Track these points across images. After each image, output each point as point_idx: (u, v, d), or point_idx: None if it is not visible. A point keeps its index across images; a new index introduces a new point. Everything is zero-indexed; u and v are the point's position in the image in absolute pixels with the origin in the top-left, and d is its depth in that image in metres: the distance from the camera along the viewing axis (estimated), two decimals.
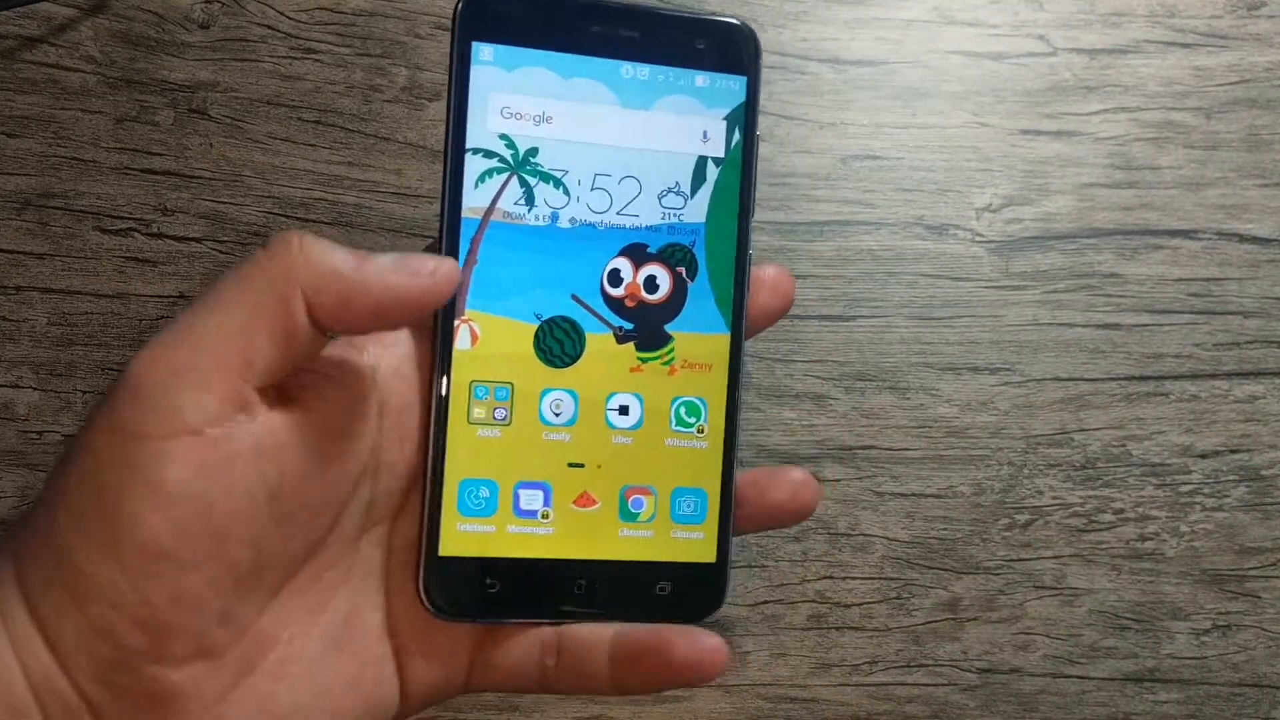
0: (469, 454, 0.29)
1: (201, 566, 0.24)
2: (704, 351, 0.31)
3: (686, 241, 0.31)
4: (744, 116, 0.31)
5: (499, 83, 0.29)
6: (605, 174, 0.30)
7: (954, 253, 0.46)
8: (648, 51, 0.30)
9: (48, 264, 0.45)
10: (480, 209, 0.29)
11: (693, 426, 0.31)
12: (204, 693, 0.25)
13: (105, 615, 0.24)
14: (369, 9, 0.47)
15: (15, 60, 0.46)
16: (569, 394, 0.30)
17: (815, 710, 0.44)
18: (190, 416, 0.24)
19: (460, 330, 0.29)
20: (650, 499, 0.30)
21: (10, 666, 0.24)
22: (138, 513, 0.23)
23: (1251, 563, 0.45)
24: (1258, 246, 0.47)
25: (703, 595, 0.30)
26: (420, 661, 0.29)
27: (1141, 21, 0.48)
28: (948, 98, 0.47)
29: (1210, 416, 0.46)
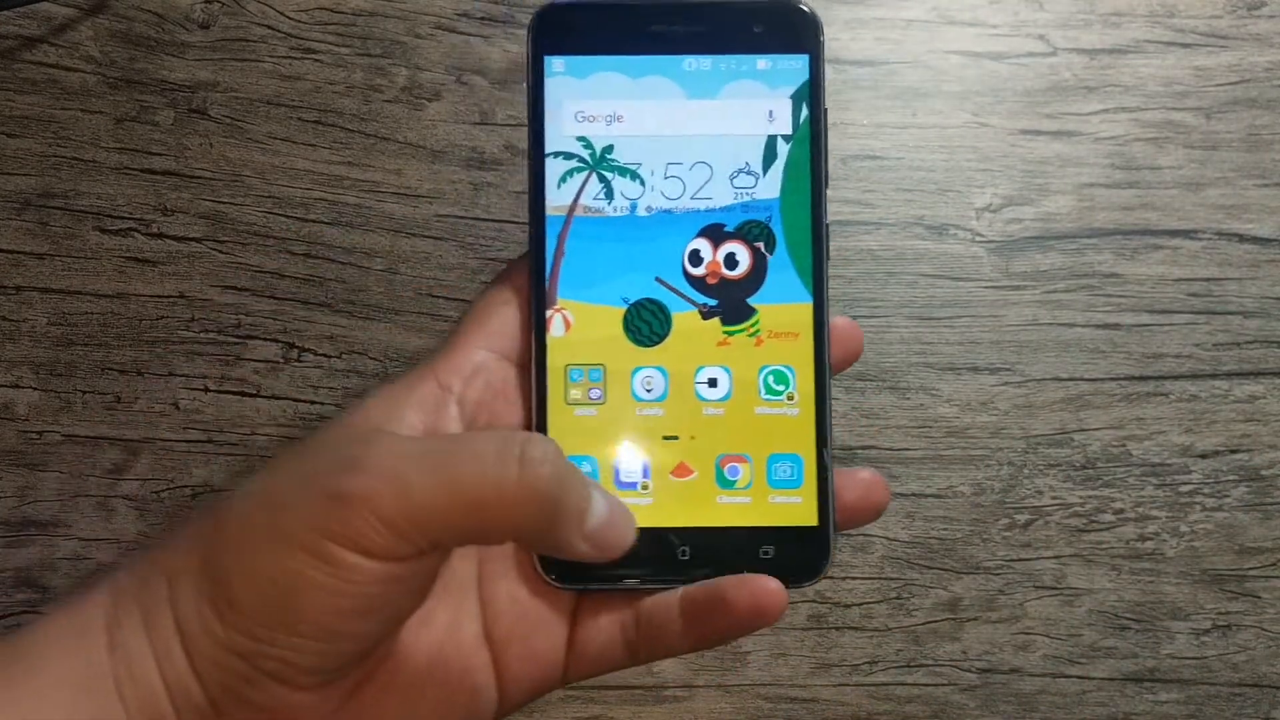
0: (569, 432, 0.31)
1: (359, 640, 0.27)
2: (788, 321, 0.32)
3: (762, 217, 0.32)
4: (809, 93, 0.32)
5: (572, 90, 0.32)
6: (677, 162, 0.32)
7: (954, 253, 0.46)
8: (708, 42, 0.32)
9: (48, 264, 0.45)
10: (564, 206, 0.32)
11: (782, 394, 0.32)
12: (322, 706, 0.27)
13: (250, 646, 0.26)
14: (369, 9, 0.47)
15: (15, 60, 0.46)
16: (659, 371, 0.32)
17: (815, 710, 0.44)
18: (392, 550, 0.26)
19: (553, 319, 0.31)
20: (746, 466, 0.31)
21: (152, 672, 0.27)
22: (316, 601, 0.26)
23: (1251, 563, 0.45)
24: (1258, 246, 0.47)
25: (806, 558, 0.31)
26: (518, 664, 0.30)
27: (1141, 21, 0.48)
28: (948, 98, 0.47)
29: (1210, 416, 0.46)
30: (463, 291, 0.45)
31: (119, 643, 0.27)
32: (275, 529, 0.26)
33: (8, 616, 0.43)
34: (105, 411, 0.44)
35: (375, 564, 0.26)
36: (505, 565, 0.31)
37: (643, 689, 0.44)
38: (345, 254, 0.45)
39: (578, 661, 0.31)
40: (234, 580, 0.26)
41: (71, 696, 0.26)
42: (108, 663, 0.27)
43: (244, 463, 0.44)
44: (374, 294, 0.45)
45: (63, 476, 0.44)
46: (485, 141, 0.46)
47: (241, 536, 0.27)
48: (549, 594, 0.31)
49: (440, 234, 0.46)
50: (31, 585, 0.43)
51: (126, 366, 0.44)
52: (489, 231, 0.46)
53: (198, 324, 0.45)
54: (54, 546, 0.43)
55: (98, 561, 0.43)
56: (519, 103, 0.47)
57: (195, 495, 0.44)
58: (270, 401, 0.44)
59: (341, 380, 0.45)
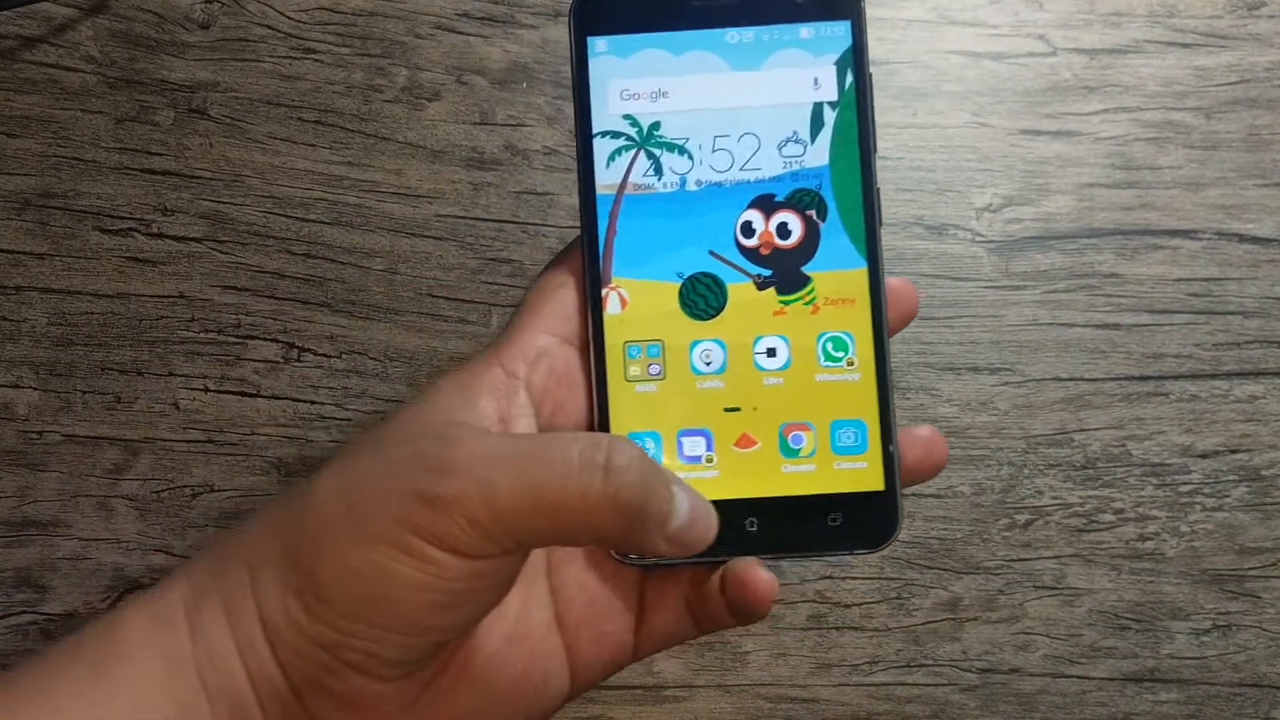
0: (630, 409, 0.31)
1: (441, 632, 0.27)
2: (844, 287, 0.32)
3: (813, 185, 0.32)
4: (853, 59, 0.32)
5: (616, 69, 0.32)
6: (725, 135, 0.32)
7: (954, 253, 0.46)
8: (749, 14, 0.32)
9: (48, 264, 0.45)
10: (613, 185, 0.32)
11: (841, 360, 0.32)
12: (401, 697, 0.28)
13: (334, 638, 0.27)
14: (369, 9, 0.47)
15: (15, 60, 0.46)
16: (717, 343, 0.32)
17: (815, 710, 0.44)
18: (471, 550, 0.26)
19: (609, 297, 0.32)
20: (809, 434, 0.31)
21: (233, 659, 0.27)
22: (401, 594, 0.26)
23: (1251, 563, 0.45)
24: (1258, 246, 0.47)
25: (876, 523, 0.31)
26: (590, 648, 0.31)
27: (1141, 21, 0.48)
28: (948, 98, 0.47)
29: (1210, 416, 0.46)
30: (463, 291, 0.45)
31: (199, 631, 0.28)
32: (361, 523, 0.27)
33: (8, 616, 0.43)
34: (105, 411, 0.44)
35: (462, 561, 0.26)
36: (573, 552, 0.32)
37: (643, 689, 0.44)
38: (345, 254, 0.45)
39: (647, 639, 0.31)
40: (320, 572, 0.27)
41: (158, 683, 0.27)
42: (190, 650, 0.27)
43: (244, 463, 0.44)
44: (374, 294, 0.45)
45: (63, 476, 0.44)
46: (485, 141, 0.46)
47: (325, 529, 0.27)
48: (617, 577, 0.31)
49: (440, 234, 0.46)
50: (31, 585, 0.43)
51: (126, 366, 0.44)
52: (489, 231, 0.46)
53: (198, 324, 0.45)
54: (54, 546, 0.43)
55: (98, 561, 0.43)
56: (519, 103, 0.47)
57: (195, 495, 0.44)
58: (270, 401, 0.44)
59: (341, 380, 0.45)
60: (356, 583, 0.26)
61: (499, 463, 0.26)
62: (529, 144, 0.46)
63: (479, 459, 0.26)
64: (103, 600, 0.43)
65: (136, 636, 0.28)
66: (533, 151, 0.46)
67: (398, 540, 0.26)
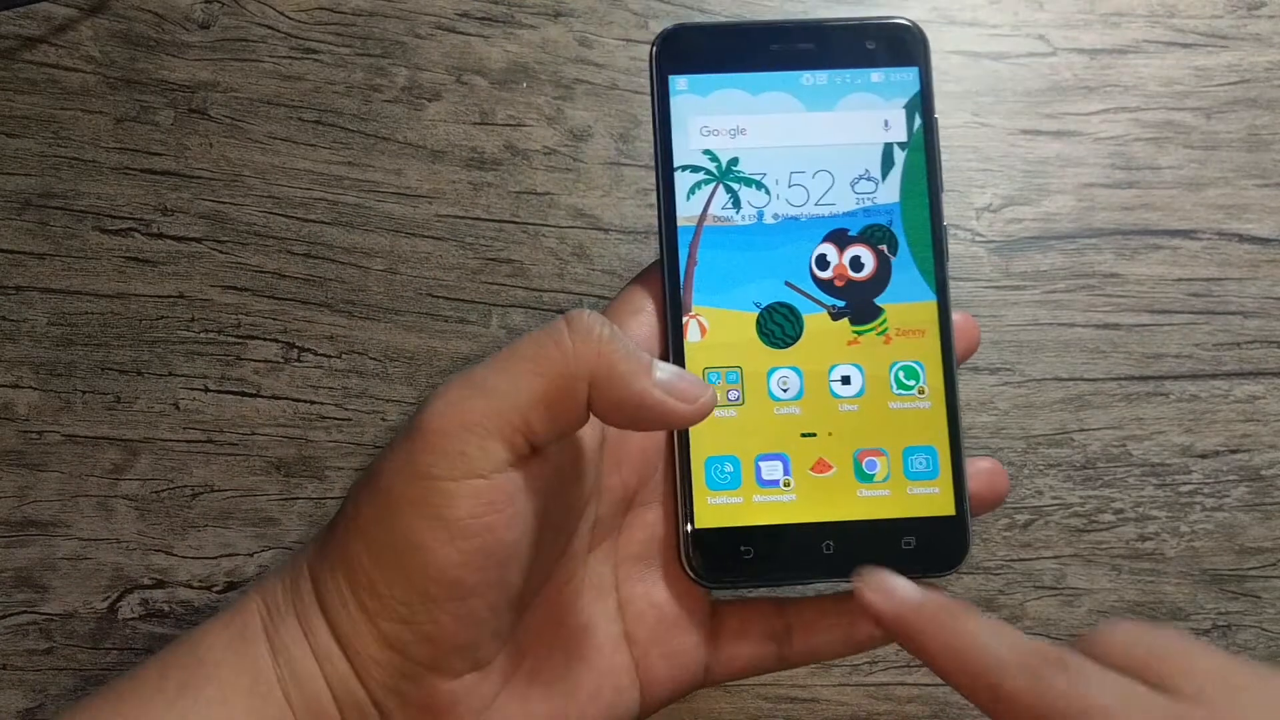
0: (710, 434, 0.32)
1: (485, 593, 0.27)
2: (915, 319, 0.33)
3: (884, 221, 0.33)
4: (921, 103, 0.34)
5: (696, 107, 0.33)
6: (800, 171, 0.33)
7: (954, 253, 0.46)
8: (824, 59, 0.33)
9: (48, 264, 0.45)
10: (694, 217, 0.33)
11: (913, 388, 0.33)
12: (475, 701, 0.28)
13: (397, 631, 0.27)
14: (369, 9, 0.47)
15: (15, 60, 0.46)
16: (794, 371, 0.33)
17: (815, 710, 0.44)
18: (478, 463, 0.27)
19: (689, 325, 0.33)
20: (883, 460, 0.32)
21: (315, 675, 0.28)
22: (430, 545, 0.26)
23: (1251, 563, 0.45)
24: (1258, 246, 0.47)
25: (947, 546, 0.32)
26: (660, 664, 0.31)
27: (1141, 21, 0.48)
28: (948, 98, 0.47)
29: (1210, 416, 0.46)
30: (463, 291, 0.45)
31: (279, 648, 0.28)
32: (383, 503, 0.27)
33: (8, 616, 0.43)
34: (105, 411, 0.44)
35: (470, 483, 0.26)
36: (643, 569, 0.32)
37: None
38: (345, 254, 0.45)
39: (723, 664, 0.32)
40: (364, 562, 0.27)
41: (246, 702, 0.27)
42: (272, 667, 0.28)
43: (244, 463, 0.44)
44: (374, 294, 0.45)
45: (63, 476, 0.44)
46: (485, 141, 0.46)
47: (359, 525, 0.28)
48: (688, 596, 0.32)
49: (440, 234, 0.46)
50: (31, 585, 0.43)
51: (126, 366, 0.44)
52: (489, 231, 0.46)
53: (198, 324, 0.45)
54: (54, 546, 0.43)
55: (98, 561, 0.43)
56: (519, 103, 0.47)
57: (195, 495, 0.44)
58: (270, 401, 0.44)
59: (341, 380, 0.45)
60: (392, 557, 0.27)
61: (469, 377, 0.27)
62: (529, 144, 0.46)
63: (449, 387, 0.27)
64: (103, 600, 0.43)
65: (220, 656, 0.28)
66: (533, 151, 0.46)
67: (408, 494, 0.27)
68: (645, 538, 0.32)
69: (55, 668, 0.43)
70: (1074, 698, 0.24)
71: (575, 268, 0.46)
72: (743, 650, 0.31)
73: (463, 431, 0.27)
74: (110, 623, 0.43)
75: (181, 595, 0.43)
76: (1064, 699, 0.24)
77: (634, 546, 0.32)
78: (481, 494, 0.27)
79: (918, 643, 0.28)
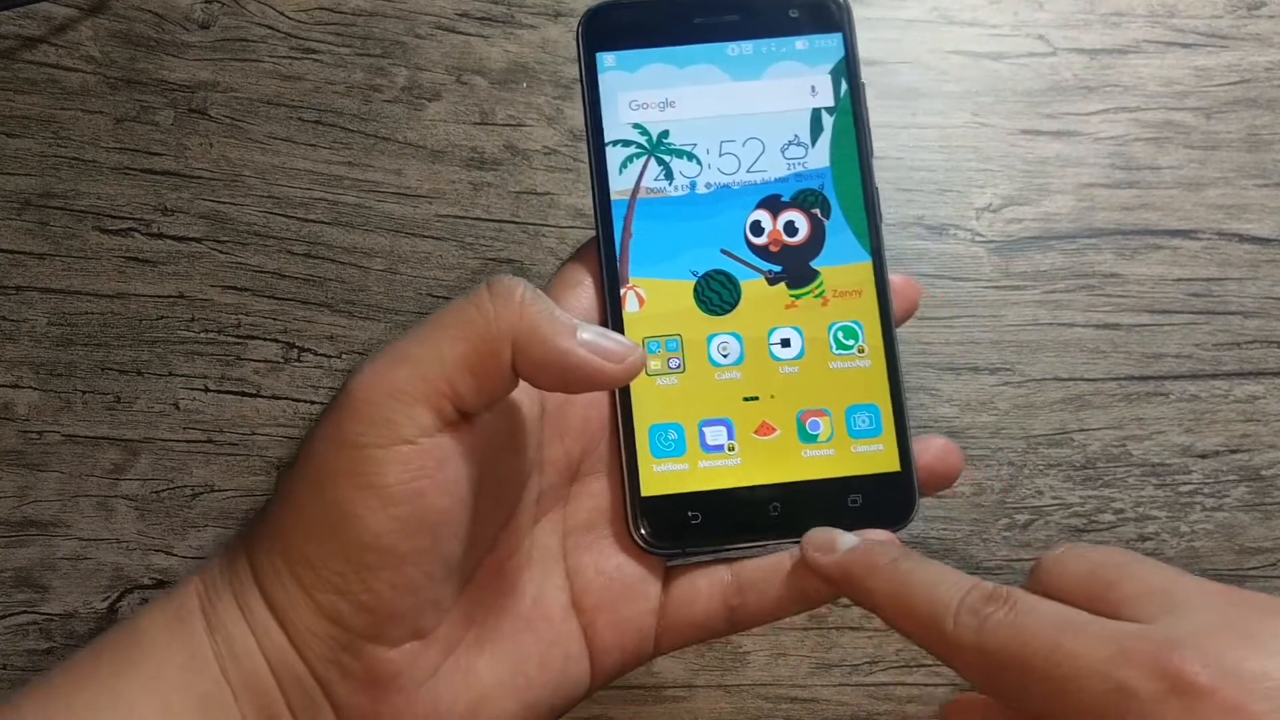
0: (653, 402, 0.32)
1: (419, 560, 0.27)
2: (851, 280, 0.33)
3: (816, 185, 0.34)
4: (846, 68, 0.34)
5: (625, 83, 0.34)
6: (730, 140, 0.34)
7: (954, 253, 0.46)
8: (748, 29, 0.34)
9: (48, 264, 0.45)
10: (627, 190, 0.33)
11: (852, 348, 0.33)
12: (417, 670, 0.28)
13: (333, 601, 0.27)
14: (369, 9, 0.47)
15: (15, 60, 0.46)
16: (733, 336, 0.33)
17: (815, 710, 0.44)
18: (405, 429, 0.27)
19: (627, 296, 0.33)
20: (826, 420, 0.33)
21: (253, 650, 0.28)
22: (361, 513, 0.27)
23: (1251, 563, 0.45)
24: (1258, 246, 0.47)
25: (894, 502, 0.32)
26: (608, 632, 0.31)
27: (1141, 21, 0.48)
28: (948, 98, 0.47)
29: (1210, 416, 0.46)
30: (462, 291, 0.45)
31: (216, 626, 0.28)
32: (312, 470, 0.27)
33: (8, 616, 0.43)
34: (105, 411, 0.44)
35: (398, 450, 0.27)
36: (591, 538, 0.32)
37: (642, 689, 0.44)
38: (345, 254, 0.45)
39: (672, 630, 0.32)
40: (298, 535, 0.27)
41: (180, 679, 0.27)
42: (209, 645, 0.28)
43: (244, 463, 0.44)
44: (374, 294, 0.45)
45: (63, 476, 0.44)
46: (485, 141, 0.46)
47: (295, 493, 0.28)
48: (636, 564, 0.32)
49: (440, 234, 0.46)
50: (31, 585, 0.43)
51: (126, 366, 0.44)
52: (489, 231, 0.46)
53: (198, 324, 0.45)
54: (54, 546, 0.43)
55: (98, 561, 0.43)
56: (519, 102, 0.47)
57: (195, 495, 0.44)
58: (270, 401, 0.44)
59: (342, 380, 0.45)
60: (324, 528, 0.27)
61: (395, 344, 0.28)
62: (529, 144, 0.46)
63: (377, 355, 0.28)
64: (103, 600, 0.43)
65: (156, 636, 0.28)
66: (533, 151, 0.46)
67: (337, 463, 0.27)
68: (592, 507, 0.32)
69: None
70: (1016, 633, 0.25)
71: None
72: (693, 614, 0.32)
73: (389, 399, 0.27)
74: (110, 623, 0.43)
75: None
76: (1007, 635, 0.25)
77: (581, 516, 0.32)
78: (410, 460, 0.27)
79: (863, 592, 0.29)
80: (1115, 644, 0.24)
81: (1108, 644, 0.24)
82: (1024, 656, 0.24)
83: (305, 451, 0.28)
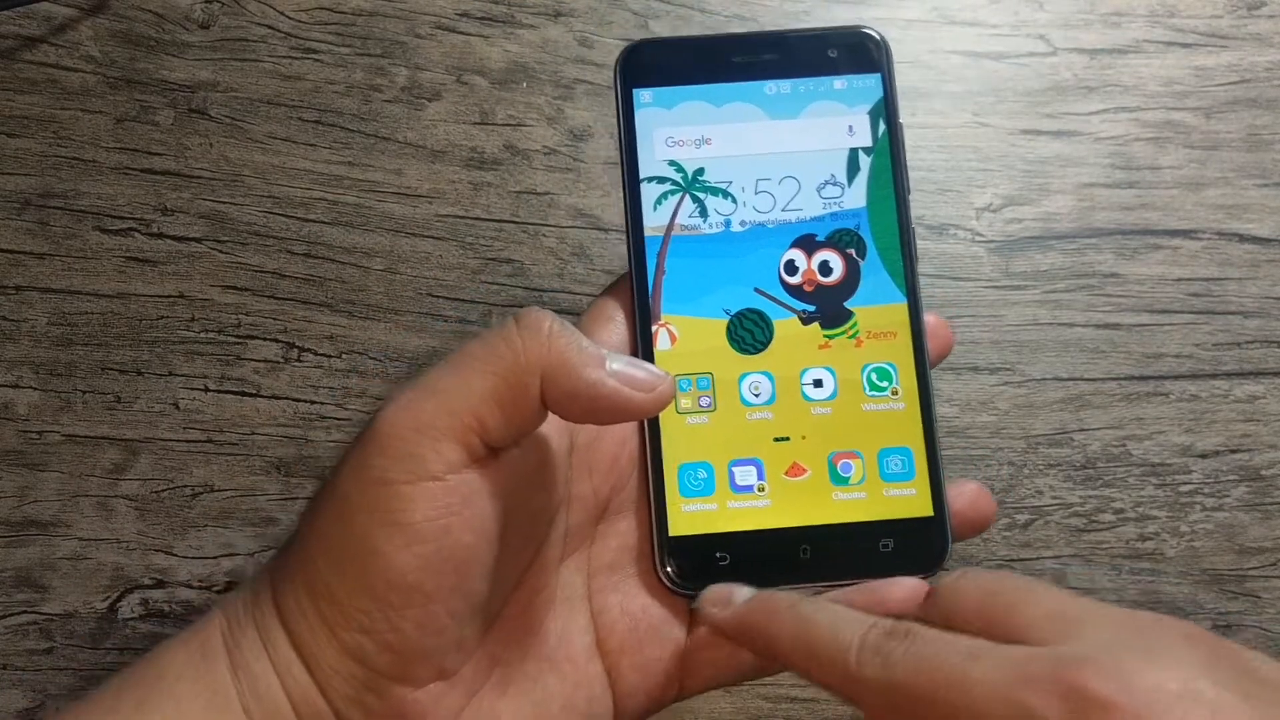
0: (682, 441, 0.32)
1: (445, 599, 0.27)
2: (885, 321, 0.33)
3: (851, 225, 0.33)
4: (885, 108, 0.34)
5: (661, 119, 0.34)
6: (766, 178, 0.33)
7: (954, 253, 0.46)
8: (787, 68, 0.34)
9: (48, 264, 0.45)
10: (661, 227, 0.33)
11: (886, 390, 0.33)
12: (440, 712, 0.28)
13: (357, 640, 0.27)
14: (369, 9, 0.47)
15: (15, 60, 0.46)
16: (765, 375, 0.33)
17: (815, 710, 0.44)
18: (433, 465, 0.26)
19: (659, 334, 0.33)
20: (858, 462, 0.32)
21: (274, 687, 0.27)
22: (387, 550, 0.26)
23: (1251, 563, 0.45)
24: (1258, 246, 0.47)
25: (926, 547, 0.32)
26: (633, 675, 0.31)
27: (1141, 21, 0.48)
28: (948, 98, 0.47)
29: (1210, 416, 0.46)
30: (462, 291, 0.45)
31: (239, 663, 0.28)
32: (338, 505, 0.27)
33: (8, 616, 0.43)
34: (105, 411, 0.44)
35: (424, 486, 0.26)
36: (617, 578, 0.32)
37: None
38: (345, 254, 0.45)
39: (696, 672, 0.31)
40: (323, 570, 0.27)
41: (203, 717, 0.27)
42: (232, 684, 0.27)
43: (244, 463, 0.44)
44: (374, 294, 0.45)
45: (63, 476, 0.44)
46: (485, 141, 0.46)
47: (320, 528, 0.27)
48: (662, 606, 0.31)
49: (440, 234, 0.46)
50: (31, 585, 0.43)
51: (126, 366, 0.44)
52: (489, 231, 0.46)
53: (198, 324, 0.45)
54: (54, 546, 0.43)
55: (98, 561, 0.43)
56: (519, 103, 0.47)
57: (195, 495, 0.44)
58: (270, 401, 0.44)
59: (341, 380, 0.45)
60: (349, 565, 0.27)
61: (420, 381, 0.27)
62: (529, 144, 0.46)
63: (403, 391, 0.27)
64: (103, 600, 0.43)
65: (179, 672, 0.28)
66: (533, 151, 0.46)
67: (364, 500, 0.26)
68: (618, 546, 0.32)
69: (55, 668, 0.42)
70: (917, 665, 0.24)
71: (575, 267, 0.46)
72: (718, 656, 0.31)
73: (415, 434, 0.26)
74: (110, 623, 0.43)
75: (181, 595, 0.43)
76: (909, 669, 0.25)
77: (607, 555, 0.32)
78: (437, 497, 0.26)
79: (765, 640, 0.28)
80: (1015, 667, 0.23)
81: (1007, 668, 0.23)
82: (928, 688, 0.24)
83: (330, 486, 0.28)
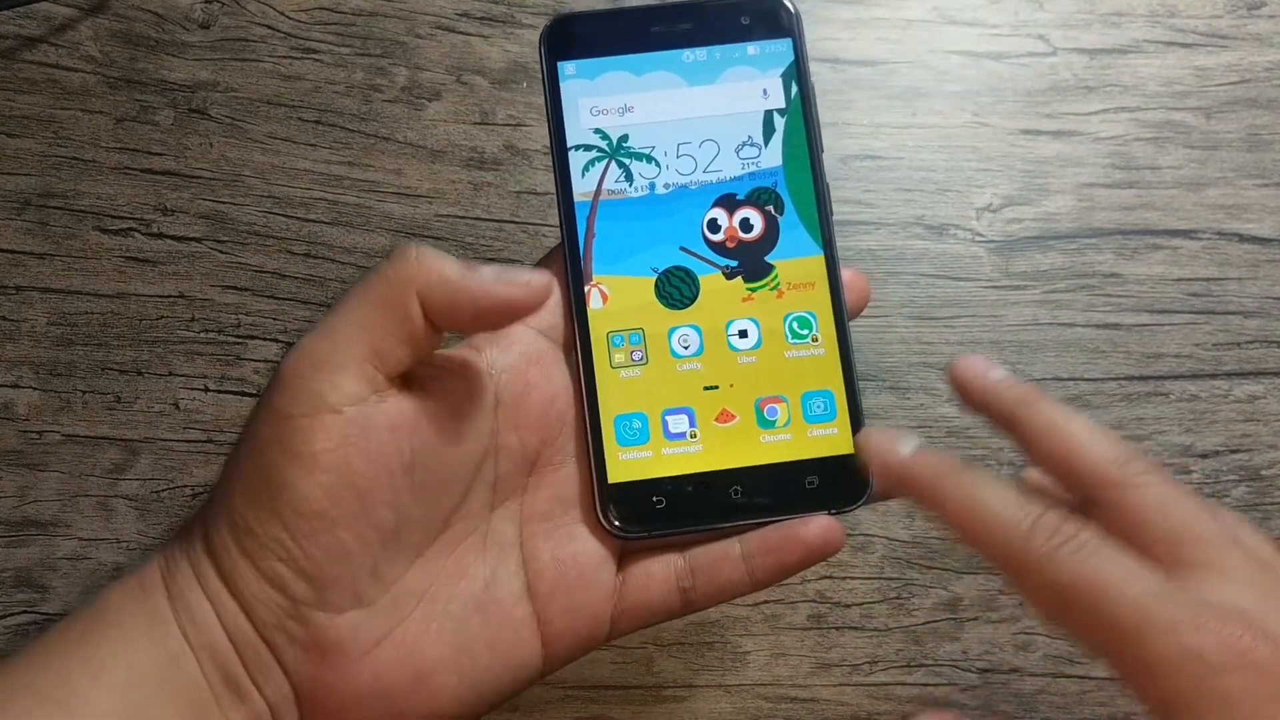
0: (617, 393, 0.34)
1: (350, 524, 0.29)
2: (804, 272, 0.35)
3: (769, 183, 0.35)
4: (797, 71, 0.36)
5: (585, 90, 0.35)
6: (687, 142, 0.35)
7: (954, 253, 0.46)
8: (702, 37, 0.36)
9: (48, 264, 0.45)
10: (589, 193, 0.35)
11: (807, 337, 0.35)
12: (360, 639, 0.30)
13: (275, 568, 0.29)
14: (369, 9, 0.47)
15: (15, 60, 0.46)
16: (693, 328, 0.35)
17: (815, 710, 0.44)
18: (330, 398, 0.28)
19: (591, 293, 0.34)
20: (783, 406, 0.34)
21: (209, 616, 0.29)
22: (292, 480, 0.28)
23: None
24: (1258, 246, 0.47)
25: (849, 484, 0.34)
26: (561, 617, 0.32)
27: (1141, 21, 0.48)
28: (948, 98, 0.47)
29: (1210, 416, 0.46)
30: None
31: (176, 593, 0.30)
32: (249, 444, 0.29)
33: (8, 616, 0.43)
34: (105, 411, 0.44)
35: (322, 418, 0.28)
36: (549, 526, 0.33)
37: (642, 689, 0.44)
38: (345, 254, 0.45)
39: (628, 613, 0.33)
40: (239, 505, 0.29)
41: (145, 641, 0.29)
42: (169, 611, 0.30)
43: None
44: None
45: (63, 476, 0.44)
46: (485, 141, 0.46)
47: (236, 467, 0.30)
48: (592, 550, 0.33)
49: (440, 234, 0.46)
50: (31, 585, 0.43)
51: (126, 366, 0.44)
52: (489, 231, 0.46)
53: (198, 324, 0.45)
54: (54, 546, 0.43)
55: (98, 561, 0.43)
56: (519, 103, 0.47)
57: (195, 495, 0.44)
58: None
59: None
60: (260, 496, 0.29)
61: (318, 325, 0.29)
62: (529, 144, 0.46)
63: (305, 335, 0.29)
64: None
65: (120, 603, 0.30)
66: (533, 151, 0.46)
67: (269, 435, 0.28)
68: (550, 496, 0.33)
69: None
70: (1095, 579, 0.27)
71: None
72: (648, 597, 0.33)
73: (313, 370, 0.28)
74: None
75: None
76: (1085, 578, 0.27)
77: (540, 505, 0.33)
78: (335, 428, 0.28)
79: (932, 501, 0.29)
80: (1192, 610, 0.26)
81: (1185, 609, 0.26)
82: (1094, 596, 0.26)
83: (245, 427, 0.30)
